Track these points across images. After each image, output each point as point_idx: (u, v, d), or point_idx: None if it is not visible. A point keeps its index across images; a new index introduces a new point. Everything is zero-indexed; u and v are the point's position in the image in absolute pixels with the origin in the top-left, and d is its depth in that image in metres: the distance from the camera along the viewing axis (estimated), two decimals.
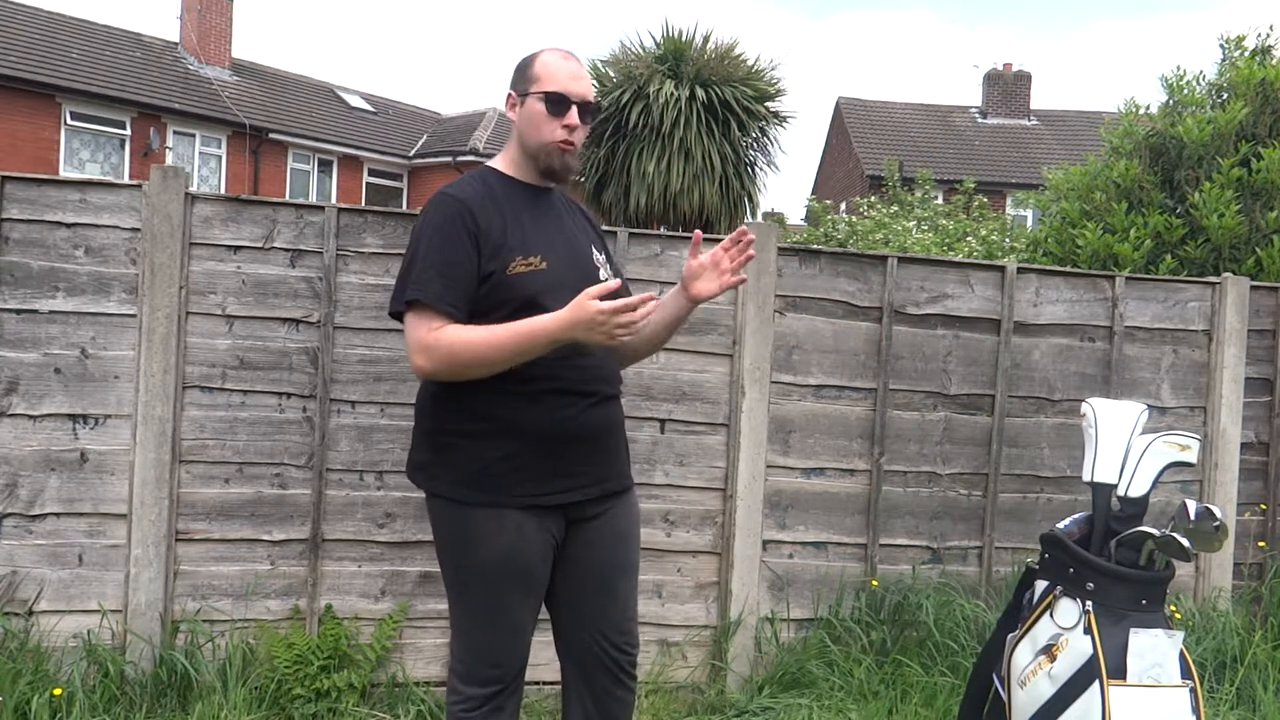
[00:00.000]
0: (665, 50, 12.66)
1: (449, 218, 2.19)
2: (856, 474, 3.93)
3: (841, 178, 24.67)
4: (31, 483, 3.29)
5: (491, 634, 2.25)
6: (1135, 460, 2.91)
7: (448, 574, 2.32)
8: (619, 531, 2.36)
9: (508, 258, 2.18)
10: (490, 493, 2.19)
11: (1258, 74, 5.82)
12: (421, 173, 22.90)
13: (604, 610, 2.34)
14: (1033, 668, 2.78)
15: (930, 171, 16.39)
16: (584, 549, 2.32)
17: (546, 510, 2.23)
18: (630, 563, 2.40)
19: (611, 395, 2.32)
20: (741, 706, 3.55)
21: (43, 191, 3.31)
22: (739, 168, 12.71)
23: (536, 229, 2.26)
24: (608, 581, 2.35)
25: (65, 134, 17.48)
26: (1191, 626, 3.93)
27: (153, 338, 3.33)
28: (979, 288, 4.06)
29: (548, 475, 2.21)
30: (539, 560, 2.25)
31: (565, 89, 2.26)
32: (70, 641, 3.27)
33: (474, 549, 2.22)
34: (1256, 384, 4.40)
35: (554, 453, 2.21)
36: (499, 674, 2.25)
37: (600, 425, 2.28)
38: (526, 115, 2.28)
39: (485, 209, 2.21)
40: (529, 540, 2.22)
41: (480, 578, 2.23)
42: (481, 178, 2.31)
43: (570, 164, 2.31)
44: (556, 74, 2.27)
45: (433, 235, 2.19)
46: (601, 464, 2.30)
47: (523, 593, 2.25)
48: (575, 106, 2.26)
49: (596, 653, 2.34)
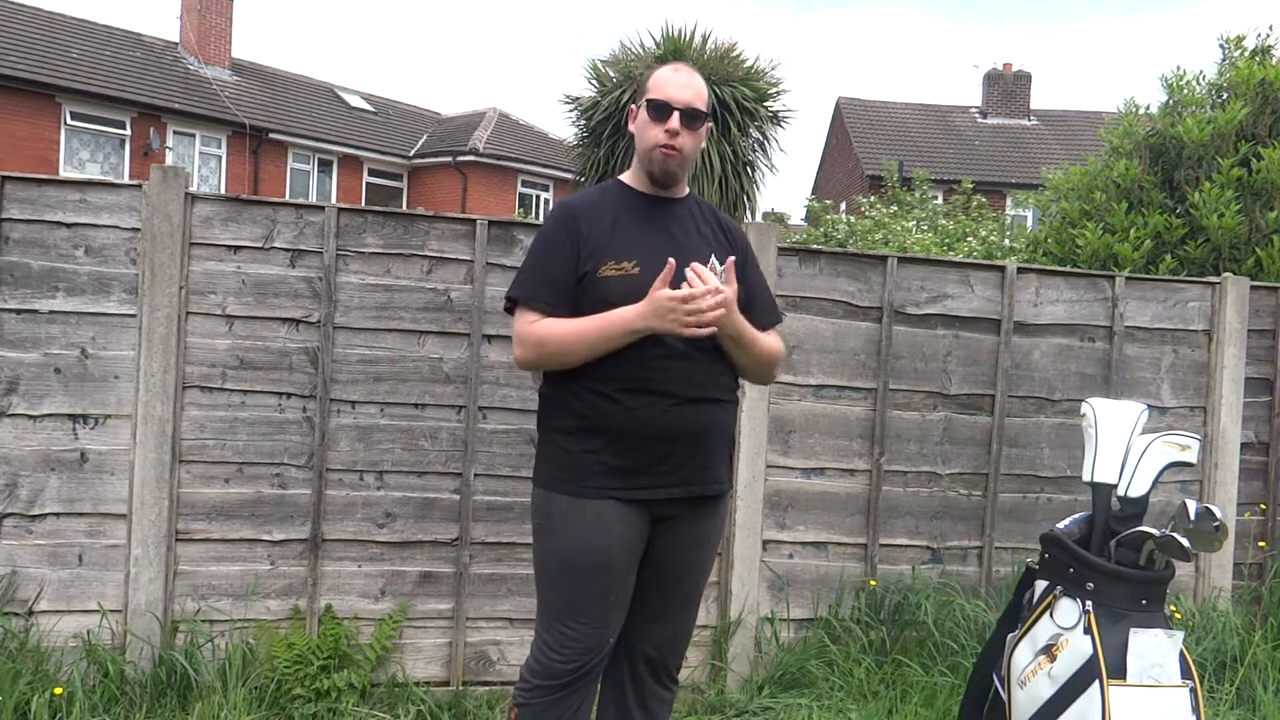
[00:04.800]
0: (665, 50, 12.63)
1: (556, 224, 2.38)
2: (856, 474, 3.93)
3: (841, 178, 24.67)
4: (31, 483, 3.29)
5: (561, 623, 2.32)
6: (1135, 460, 2.91)
7: (535, 563, 2.41)
8: (701, 537, 2.43)
9: (601, 261, 2.30)
10: (573, 483, 2.30)
11: (1258, 74, 5.82)
12: (421, 173, 22.90)
13: (661, 613, 2.43)
14: (1033, 668, 2.78)
15: (930, 171, 16.39)
16: (663, 550, 2.39)
17: (628, 505, 2.29)
18: (700, 565, 2.47)
19: (701, 398, 2.33)
20: (741, 706, 3.55)
21: (43, 191, 3.31)
22: (739, 167, 12.70)
23: (642, 235, 2.35)
24: (673, 585, 2.42)
25: (65, 134, 17.49)
26: (1191, 626, 3.93)
27: (153, 338, 3.33)
28: (979, 288, 4.06)
29: (628, 471, 2.29)
30: (620, 556, 2.30)
31: (669, 96, 2.36)
32: (70, 641, 3.27)
33: (555, 537, 2.33)
34: (1256, 384, 4.40)
35: (634, 450, 2.29)
36: (570, 663, 2.31)
37: (685, 426, 2.31)
38: (638, 124, 2.41)
39: (592, 215, 2.36)
40: (608, 534, 2.28)
41: (558, 566, 2.33)
42: (603, 188, 2.48)
43: (671, 169, 2.40)
44: (664, 83, 2.39)
45: (539, 240, 2.39)
46: (689, 466, 2.34)
47: (599, 586, 2.30)
48: (677, 112, 2.35)
49: (646, 652, 2.43)
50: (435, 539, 3.53)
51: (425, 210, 3.66)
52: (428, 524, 3.53)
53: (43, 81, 16.99)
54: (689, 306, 2.17)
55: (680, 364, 2.29)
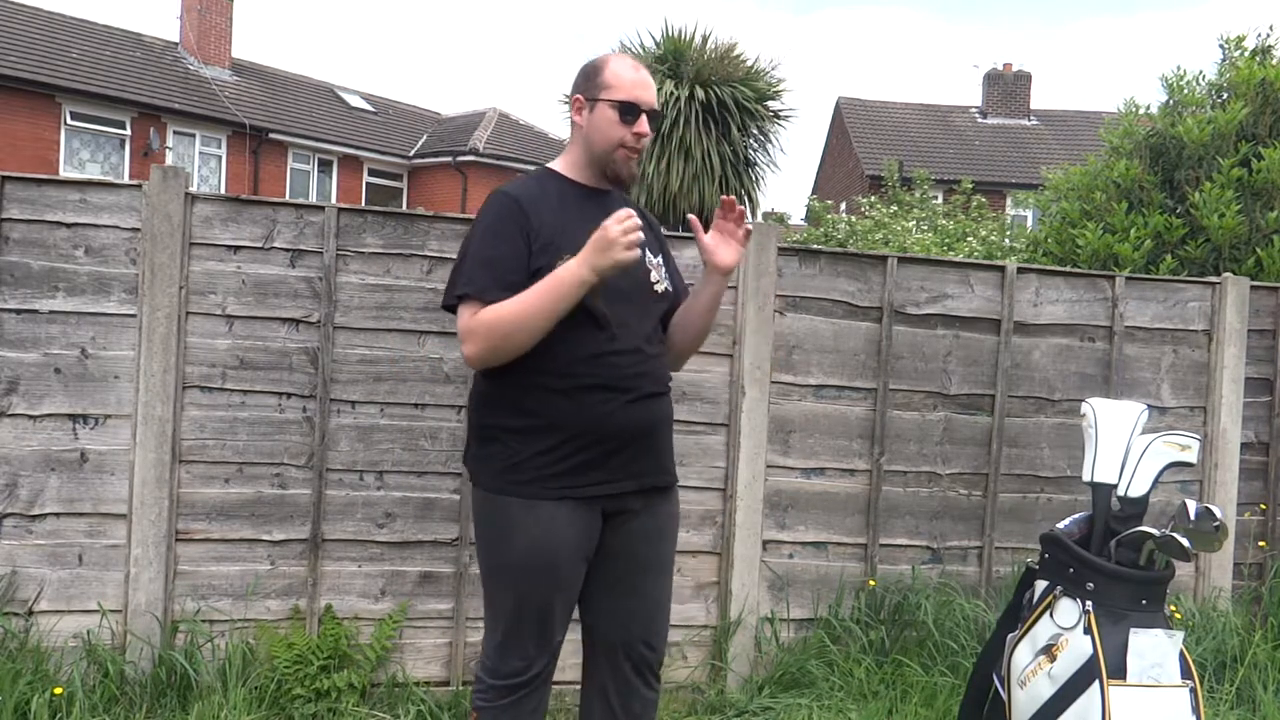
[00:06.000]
0: (665, 50, 12.65)
1: (501, 214, 2.28)
2: (856, 474, 3.93)
3: (842, 178, 24.67)
4: (31, 483, 3.29)
5: (517, 628, 2.29)
6: (1135, 460, 2.91)
7: (481, 566, 2.37)
8: (656, 529, 2.40)
9: (556, 255, 2.24)
10: (524, 485, 2.25)
11: (1258, 74, 5.82)
12: (421, 173, 22.89)
13: (633, 608, 2.38)
14: (1033, 668, 2.78)
15: (930, 171, 16.38)
16: (620, 544, 2.35)
17: (580, 504, 2.26)
18: (663, 561, 2.43)
19: (653, 392, 2.33)
20: (741, 706, 3.55)
21: (43, 191, 3.31)
22: (739, 168, 12.70)
23: (587, 227, 2.29)
24: (639, 578, 2.38)
25: (65, 134, 17.48)
26: (1191, 626, 3.93)
27: (153, 338, 3.33)
28: (979, 288, 4.06)
29: (583, 469, 2.25)
30: (570, 557, 2.27)
31: (637, 98, 2.34)
32: (70, 641, 3.27)
33: (505, 541, 2.28)
34: (1256, 384, 4.40)
35: (591, 447, 2.25)
36: (523, 667, 2.29)
37: (640, 421, 2.30)
38: (596, 121, 2.35)
39: (538, 207, 2.28)
40: (559, 535, 2.25)
41: (509, 570, 2.28)
42: (539, 178, 2.41)
43: (632, 169, 2.40)
44: (629, 84, 2.35)
45: (484, 232, 2.27)
46: (642, 459, 2.33)
47: (550, 588, 2.27)
48: (645, 115, 2.34)
49: (624, 649, 2.38)
50: (435, 539, 3.53)
51: (425, 210, 3.65)
52: (428, 524, 3.53)
53: (43, 81, 16.98)
54: (621, 226, 2.14)
55: (632, 358, 2.28)
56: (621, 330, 2.28)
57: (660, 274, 2.43)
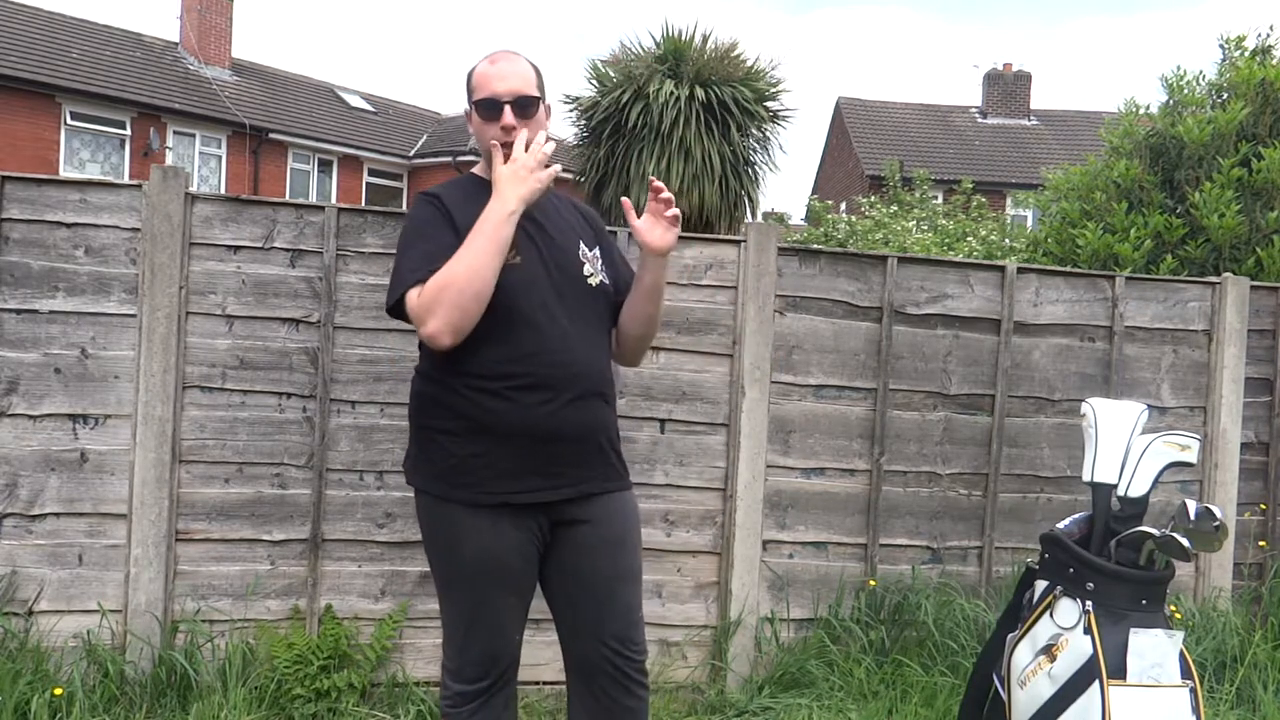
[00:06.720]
0: (665, 50, 12.65)
1: (427, 213, 2.27)
2: (856, 474, 3.93)
3: (842, 178, 24.68)
4: (31, 483, 3.29)
5: (475, 631, 2.27)
6: (1135, 460, 2.91)
7: (433, 570, 2.34)
8: (615, 537, 2.33)
9: None
10: (465, 489, 2.21)
11: (1258, 74, 5.82)
12: (421, 173, 22.88)
13: (602, 618, 2.31)
14: (1033, 668, 2.78)
15: (930, 171, 16.39)
16: (578, 556, 2.29)
17: (523, 509, 2.22)
18: (630, 569, 2.36)
19: (593, 393, 2.27)
20: (741, 706, 3.55)
21: (43, 191, 3.31)
22: (738, 168, 12.70)
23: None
24: (606, 589, 2.31)
25: (65, 134, 17.48)
26: (1191, 626, 3.93)
27: (153, 338, 3.33)
28: (979, 288, 4.06)
29: (521, 473, 2.20)
30: (518, 559, 2.24)
31: (494, 92, 2.27)
32: (70, 641, 3.27)
33: (452, 545, 2.25)
34: (1256, 384, 4.40)
35: (527, 450, 2.20)
36: (484, 670, 2.27)
37: (579, 424, 2.24)
38: (474, 126, 2.34)
39: (460, 206, 2.25)
40: (505, 539, 2.21)
41: (460, 574, 2.25)
42: (460, 183, 2.38)
43: None
44: (486, 79, 2.30)
45: (415, 232, 2.26)
46: (583, 464, 2.27)
47: (503, 591, 2.25)
48: (507, 106, 2.27)
49: (598, 661, 2.30)
50: None
51: None
52: None
53: (43, 81, 16.98)
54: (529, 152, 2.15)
55: (569, 359, 2.22)
56: (553, 326, 2.22)
57: (595, 267, 2.36)
